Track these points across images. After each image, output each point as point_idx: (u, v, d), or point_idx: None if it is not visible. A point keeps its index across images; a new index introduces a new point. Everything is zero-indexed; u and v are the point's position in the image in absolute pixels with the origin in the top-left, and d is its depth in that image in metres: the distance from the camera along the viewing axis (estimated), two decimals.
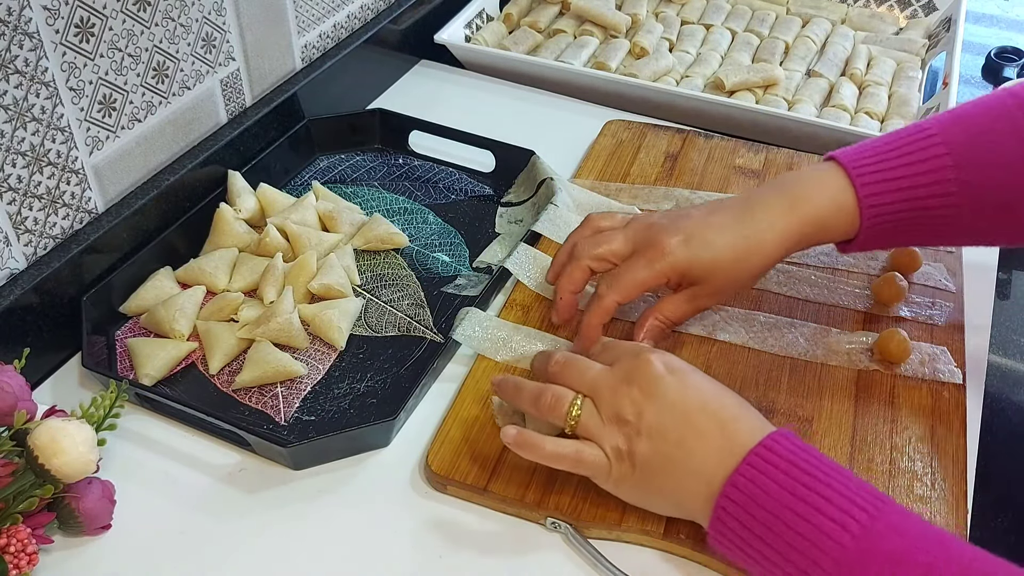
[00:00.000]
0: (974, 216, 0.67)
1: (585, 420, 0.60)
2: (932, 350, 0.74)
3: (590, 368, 0.61)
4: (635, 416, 0.58)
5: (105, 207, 0.78)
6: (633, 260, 0.69)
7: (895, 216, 0.67)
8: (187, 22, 0.81)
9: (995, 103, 0.68)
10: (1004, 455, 0.71)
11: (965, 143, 0.66)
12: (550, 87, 1.08)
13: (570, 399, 0.60)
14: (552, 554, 0.62)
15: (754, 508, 0.54)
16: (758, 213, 0.68)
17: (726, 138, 0.98)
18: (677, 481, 0.58)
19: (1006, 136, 0.66)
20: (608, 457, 0.59)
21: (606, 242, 0.71)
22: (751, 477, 0.54)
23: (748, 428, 0.57)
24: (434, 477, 0.66)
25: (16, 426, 0.59)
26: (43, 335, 0.72)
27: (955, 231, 0.69)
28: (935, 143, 0.66)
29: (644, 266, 0.69)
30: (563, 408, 0.60)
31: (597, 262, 0.71)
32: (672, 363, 0.61)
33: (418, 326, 0.78)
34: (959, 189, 0.66)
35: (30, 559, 0.56)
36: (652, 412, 0.58)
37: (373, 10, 1.06)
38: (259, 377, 0.72)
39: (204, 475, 0.67)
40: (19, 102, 0.68)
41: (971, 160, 0.66)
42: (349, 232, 0.85)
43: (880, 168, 0.67)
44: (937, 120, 0.68)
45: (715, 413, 0.58)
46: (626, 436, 0.58)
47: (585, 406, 0.60)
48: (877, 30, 1.20)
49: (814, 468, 0.54)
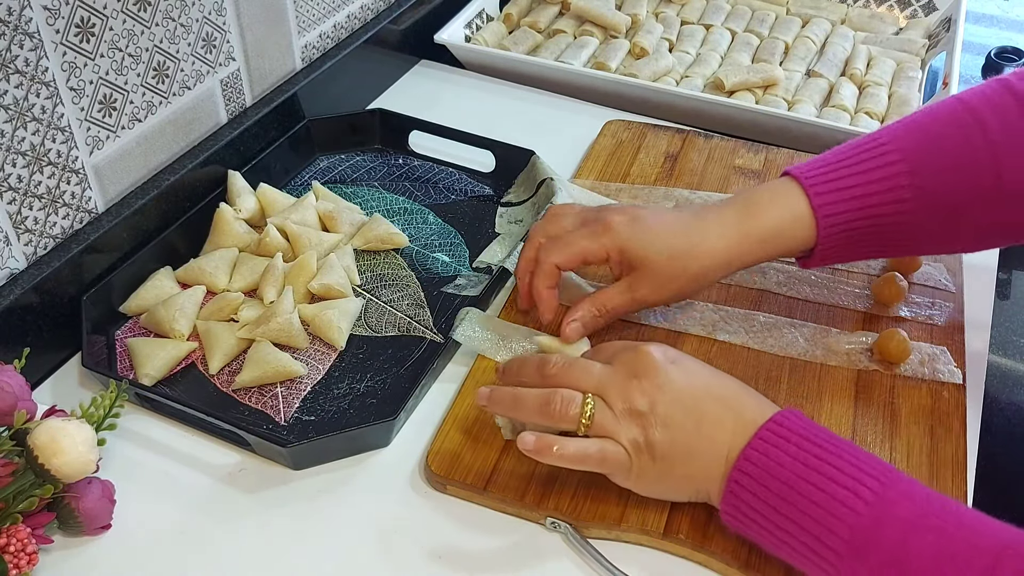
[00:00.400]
0: (930, 222, 0.67)
1: (599, 418, 0.59)
2: (932, 350, 0.74)
3: (592, 367, 0.62)
4: (648, 407, 0.59)
5: (105, 207, 0.78)
6: (579, 229, 0.72)
7: (851, 225, 0.68)
8: (187, 22, 0.81)
9: (945, 110, 0.68)
10: (1004, 455, 0.71)
11: (918, 150, 0.67)
12: (550, 87, 1.08)
13: (580, 400, 0.60)
14: (552, 554, 0.62)
15: (768, 479, 0.55)
16: (709, 219, 0.70)
17: (726, 138, 0.98)
18: (696, 465, 0.59)
19: (957, 141, 0.66)
20: (628, 451, 0.59)
21: (558, 221, 0.74)
22: (763, 451, 0.56)
23: (757, 406, 0.59)
24: (434, 477, 0.66)
25: (16, 426, 0.59)
26: (43, 335, 0.72)
27: (912, 240, 0.69)
28: (888, 151, 0.67)
29: (584, 235, 0.71)
30: (575, 409, 0.60)
31: (547, 240, 0.73)
32: (669, 353, 0.62)
33: (418, 326, 0.78)
34: (913, 196, 0.66)
35: (30, 559, 0.56)
36: (664, 402, 0.59)
37: (373, 10, 1.06)
38: (259, 377, 0.72)
39: (204, 475, 0.67)
40: (19, 102, 0.68)
41: (924, 166, 0.66)
42: (349, 232, 0.85)
43: (834, 178, 0.68)
44: (889, 129, 0.69)
45: (723, 395, 0.60)
46: (642, 428, 0.59)
47: (597, 404, 0.60)
48: (877, 30, 1.20)
49: (824, 441, 0.56)
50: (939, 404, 0.70)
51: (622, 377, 0.60)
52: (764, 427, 0.57)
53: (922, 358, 0.73)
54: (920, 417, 0.70)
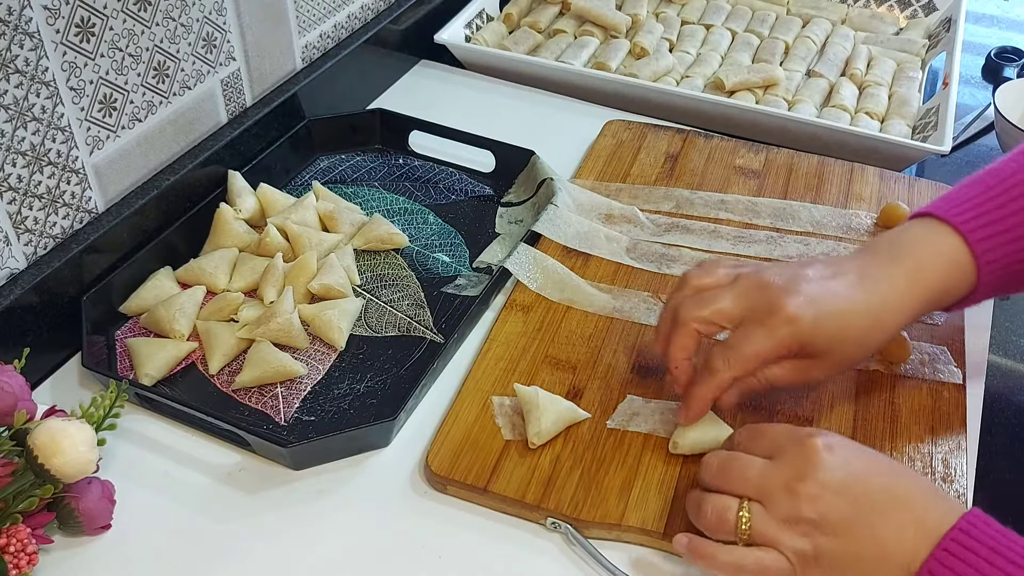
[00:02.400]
0: None
1: (758, 527, 0.55)
2: (932, 350, 0.74)
3: (751, 467, 0.57)
4: (818, 514, 0.54)
5: (105, 207, 0.78)
6: (751, 328, 0.61)
7: (1009, 270, 0.64)
8: (188, 22, 0.81)
9: None
10: (1004, 455, 0.71)
11: None
12: (550, 87, 1.08)
13: (735, 510, 0.56)
14: (552, 554, 0.62)
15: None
16: (881, 286, 0.63)
17: (726, 138, 0.98)
18: (871, 573, 0.53)
19: None
20: (791, 562, 0.55)
21: (713, 302, 0.63)
22: (950, 565, 0.51)
23: (938, 506, 0.54)
24: (434, 477, 0.66)
25: (16, 426, 0.59)
26: (43, 335, 0.72)
27: None
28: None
29: (765, 335, 0.61)
30: (730, 522, 0.56)
31: (705, 325, 0.63)
32: (835, 444, 0.56)
33: (418, 326, 0.78)
34: None
35: (30, 559, 0.56)
36: (835, 507, 0.54)
37: (373, 10, 1.06)
38: (259, 377, 0.72)
39: (204, 475, 0.67)
40: (19, 102, 0.68)
41: None
42: (349, 232, 0.85)
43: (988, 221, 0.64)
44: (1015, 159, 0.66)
45: (898, 494, 0.54)
46: (809, 538, 0.54)
47: (754, 512, 0.56)
48: (877, 30, 1.20)
49: (1017, 555, 0.50)
50: (939, 404, 0.70)
51: (786, 479, 0.55)
52: (949, 536, 0.51)
53: (922, 358, 0.73)
54: (920, 417, 0.70)
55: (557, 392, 0.69)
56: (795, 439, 0.57)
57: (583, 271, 0.82)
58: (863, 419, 0.69)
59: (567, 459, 0.66)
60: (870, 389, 0.72)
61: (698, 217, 0.88)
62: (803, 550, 0.54)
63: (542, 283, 0.80)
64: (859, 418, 0.69)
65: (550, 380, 0.72)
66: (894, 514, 0.53)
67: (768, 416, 0.69)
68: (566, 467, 0.65)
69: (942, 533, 0.52)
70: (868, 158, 0.96)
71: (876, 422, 0.69)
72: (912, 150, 0.95)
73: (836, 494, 0.54)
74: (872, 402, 0.71)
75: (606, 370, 0.73)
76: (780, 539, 0.55)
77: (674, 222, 0.87)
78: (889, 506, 0.54)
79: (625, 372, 0.73)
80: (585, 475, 0.65)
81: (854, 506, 0.54)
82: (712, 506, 0.57)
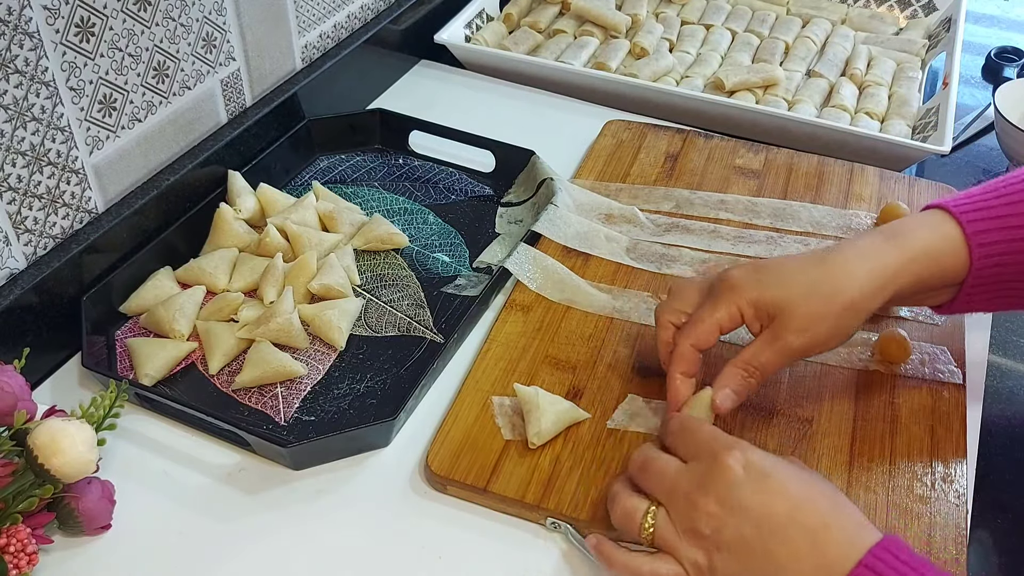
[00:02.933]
0: None
1: (660, 532, 0.56)
2: (932, 350, 0.74)
3: (667, 469, 0.57)
4: (712, 531, 0.53)
5: (105, 207, 0.78)
6: (703, 302, 0.65)
7: (1004, 259, 0.63)
8: (187, 22, 0.81)
9: None
10: (1004, 455, 0.71)
11: None
12: (550, 87, 1.08)
13: (642, 512, 0.56)
14: (552, 554, 0.62)
15: None
16: (844, 246, 0.64)
17: (726, 138, 0.98)
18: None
19: None
20: (687, 573, 0.55)
21: (679, 297, 0.67)
22: None
23: (845, 539, 0.52)
24: (434, 477, 0.66)
25: (16, 426, 0.59)
26: (43, 335, 0.72)
27: None
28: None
29: (712, 303, 0.64)
30: (636, 524, 0.57)
31: (676, 316, 0.67)
32: (754, 462, 0.55)
33: (418, 326, 0.78)
34: None
35: (30, 559, 0.56)
36: (732, 526, 0.53)
37: (373, 10, 1.06)
38: (259, 377, 0.72)
39: (204, 475, 0.67)
40: (19, 102, 0.68)
41: None
42: (349, 232, 0.85)
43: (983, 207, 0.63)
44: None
45: (805, 522, 0.52)
46: (705, 551, 0.54)
47: (659, 517, 0.56)
48: (877, 30, 1.20)
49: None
50: (939, 404, 0.70)
51: (691, 488, 0.55)
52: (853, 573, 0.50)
53: (922, 358, 0.73)
54: (920, 417, 0.70)
55: (557, 392, 0.70)
56: (711, 450, 0.56)
57: (583, 271, 0.82)
58: (863, 419, 0.69)
59: (567, 459, 0.66)
60: (870, 389, 0.72)
61: (698, 217, 0.88)
62: (699, 563, 0.54)
63: (542, 283, 0.80)
64: (859, 418, 0.69)
65: (550, 380, 0.72)
66: (795, 542, 0.52)
67: (768, 416, 0.69)
68: (566, 467, 0.65)
69: (846, 569, 0.50)
70: (868, 158, 0.96)
71: (876, 422, 0.69)
72: (912, 150, 0.95)
73: (734, 514, 0.53)
74: (872, 402, 0.71)
75: (606, 370, 0.73)
76: (679, 549, 0.55)
77: (674, 222, 0.87)
78: (791, 533, 0.52)
79: (625, 372, 0.73)
80: (585, 475, 0.65)
81: (754, 528, 0.53)
82: (622, 506, 0.58)
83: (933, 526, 0.62)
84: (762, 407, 0.70)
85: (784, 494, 0.53)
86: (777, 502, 0.53)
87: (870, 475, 0.65)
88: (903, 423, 0.69)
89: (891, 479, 0.65)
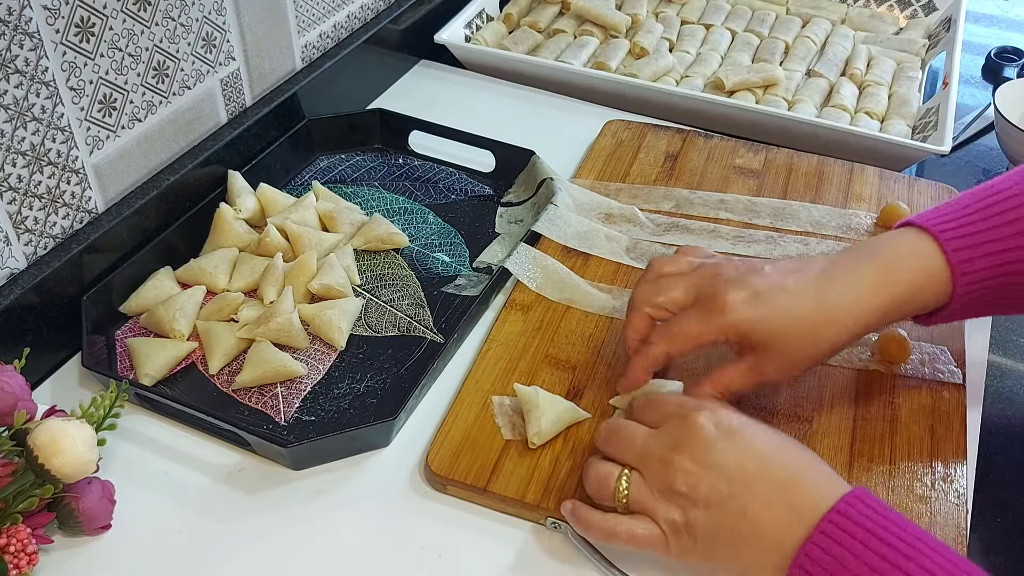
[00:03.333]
0: None
1: (635, 495, 0.57)
2: (932, 350, 0.74)
3: (636, 436, 0.58)
4: (688, 488, 0.55)
5: (105, 207, 0.78)
6: (690, 312, 0.63)
7: (986, 284, 0.63)
8: (187, 22, 0.81)
9: None
10: (1004, 455, 0.71)
11: None
12: (550, 87, 1.08)
13: (616, 476, 0.57)
14: (552, 554, 0.62)
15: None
16: (841, 283, 0.62)
17: (726, 138, 0.98)
18: (743, 553, 0.54)
19: None
20: (664, 532, 0.56)
21: (666, 290, 0.65)
22: (825, 547, 0.50)
23: (816, 490, 0.53)
24: (434, 477, 0.66)
25: (16, 426, 0.59)
26: (43, 335, 0.72)
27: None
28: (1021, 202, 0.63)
29: (699, 319, 0.63)
30: (609, 488, 0.57)
31: (656, 310, 0.65)
32: (724, 421, 0.56)
33: (418, 326, 0.78)
34: None
35: (30, 559, 0.56)
36: (707, 482, 0.54)
37: (373, 10, 1.06)
38: (259, 377, 0.72)
39: (204, 475, 0.67)
40: (19, 102, 0.68)
41: None
42: (349, 232, 0.85)
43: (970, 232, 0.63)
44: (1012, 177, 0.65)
45: (777, 476, 0.54)
46: (681, 509, 0.55)
47: (633, 480, 0.57)
48: (877, 30, 1.20)
49: (894, 536, 0.50)
50: (939, 404, 0.70)
51: (664, 450, 0.56)
52: (825, 518, 0.51)
53: (922, 358, 0.73)
54: (920, 417, 0.70)
55: (557, 392, 0.70)
56: (680, 412, 0.58)
57: (583, 271, 0.82)
58: (863, 419, 0.69)
59: (567, 459, 0.66)
60: (870, 389, 0.72)
61: (698, 217, 0.88)
62: (675, 521, 0.55)
63: (542, 283, 0.80)
64: (859, 418, 0.69)
65: (550, 380, 0.72)
66: (767, 494, 0.53)
67: (768, 416, 0.69)
68: (566, 467, 0.65)
69: (818, 515, 0.51)
70: (868, 158, 0.96)
71: (876, 422, 0.69)
72: (912, 150, 0.95)
73: (709, 469, 0.55)
74: (872, 402, 0.71)
75: (606, 370, 0.73)
76: (655, 509, 0.56)
77: (674, 222, 0.87)
78: (763, 486, 0.54)
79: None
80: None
81: (728, 483, 0.54)
82: (595, 472, 0.58)
83: (933, 526, 0.62)
84: (762, 407, 0.70)
85: (754, 450, 0.55)
86: (749, 459, 0.55)
87: (870, 475, 0.65)
88: (903, 423, 0.69)
89: (891, 479, 0.65)
